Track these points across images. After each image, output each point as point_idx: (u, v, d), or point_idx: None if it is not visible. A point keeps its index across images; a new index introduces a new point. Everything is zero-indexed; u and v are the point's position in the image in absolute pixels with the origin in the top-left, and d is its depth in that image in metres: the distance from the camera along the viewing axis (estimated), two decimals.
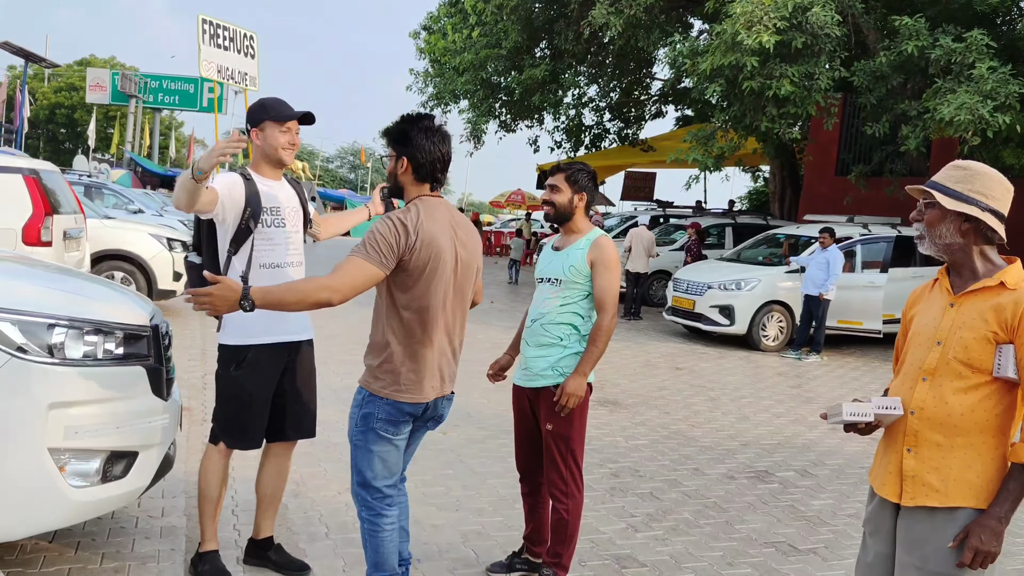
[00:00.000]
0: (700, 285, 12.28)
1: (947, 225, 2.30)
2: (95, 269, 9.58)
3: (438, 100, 21.18)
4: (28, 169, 7.82)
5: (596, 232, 3.68)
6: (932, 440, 2.29)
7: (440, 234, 2.99)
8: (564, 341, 3.61)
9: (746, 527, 4.80)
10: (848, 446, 6.74)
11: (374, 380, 3.06)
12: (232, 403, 3.46)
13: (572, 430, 3.61)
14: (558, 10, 17.11)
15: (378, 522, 3.15)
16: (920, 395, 2.32)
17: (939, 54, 10.75)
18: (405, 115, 3.11)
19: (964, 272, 2.34)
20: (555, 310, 3.62)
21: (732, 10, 11.26)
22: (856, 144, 17.70)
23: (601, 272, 3.57)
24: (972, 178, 2.30)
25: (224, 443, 3.52)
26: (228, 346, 3.44)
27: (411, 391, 3.04)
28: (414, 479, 5.10)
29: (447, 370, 3.17)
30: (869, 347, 12.64)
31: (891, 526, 2.39)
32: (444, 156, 3.06)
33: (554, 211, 3.68)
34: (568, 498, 3.61)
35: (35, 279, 3.62)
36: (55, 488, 3.08)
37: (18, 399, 3.00)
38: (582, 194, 3.66)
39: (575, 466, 3.64)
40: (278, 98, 3.56)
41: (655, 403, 7.89)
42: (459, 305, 3.16)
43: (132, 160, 36.07)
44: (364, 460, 3.11)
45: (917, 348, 2.38)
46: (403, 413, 3.06)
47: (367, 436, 3.08)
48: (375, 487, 3.13)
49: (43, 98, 51.91)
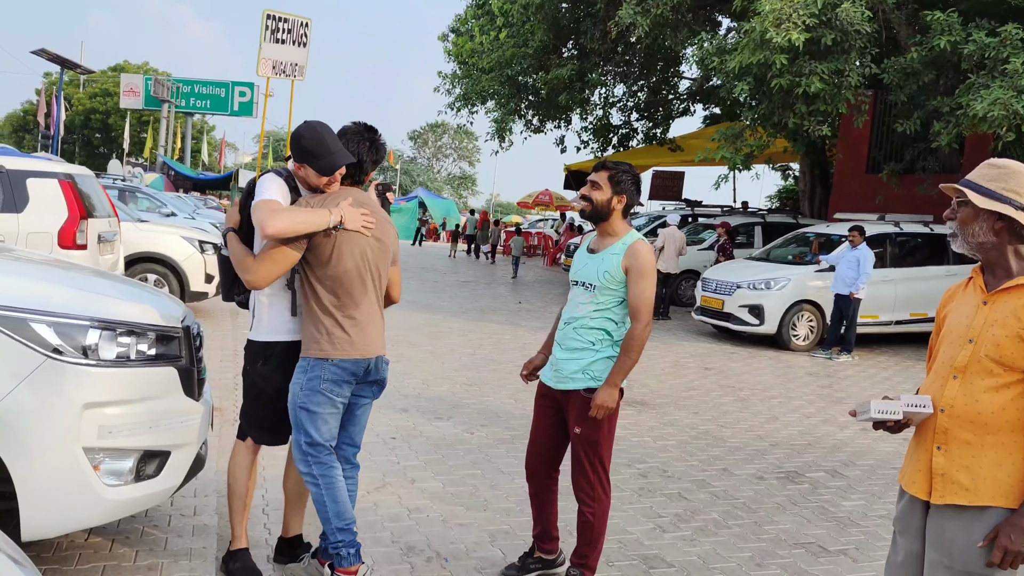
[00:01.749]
0: (729, 285, 12.20)
1: (980, 224, 2.29)
2: (129, 271, 9.73)
3: (465, 101, 21.24)
4: (63, 174, 7.96)
5: (633, 236, 3.59)
6: (962, 438, 2.27)
7: None
8: (596, 346, 3.57)
9: (775, 528, 4.77)
10: (880, 446, 6.67)
11: (313, 344, 3.34)
12: (260, 399, 3.54)
13: (600, 435, 3.57)
14: (584, 10, 17.08)
15: (331, 474, 3.41)
16: (951, 393, 2.30)
17: (972, 49, 10.59)
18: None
19: (998, 271, 2.32)
20: (588, 315, 3.57)
21: (761, 7, 11.16)
22: (887, 141, 17.46)
23: (636, 279, 3.49)
24: (1006, 176, 2.28)
25: (252, 438, 3.60)
26: (257, 342, 3.51)
27: (352, 348, 3.35)
28: (440, 478, 5.14)
29: (379, 332, 3.50)
30: (901, 346, 12.48)
31: (921, 525, 2.37)
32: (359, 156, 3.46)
33: (591, 208, 3.59)
34: (595, 502, 3.59)
35: (70, 282, 3.68)
36: (90, 487, 3.14)
37: (54, 399, 3.06)
38: (622, 196, 3.58)
39: (602, 470, 3.61)
40: (322, 138, 3.36)
41: (684, 403, 7.86)
42: (380, 277, 3.48)
43: (165, 164, 36.58)
44: (310, 422, 3.37)
45: (949, 346, 2.37)
46: (347, 372, 3.36)
47: (313, 398, 3.34)
48: (322, 444, 3.40)
49: (78, 104, 52.76)
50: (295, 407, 3.38)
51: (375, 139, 3.53)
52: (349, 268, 3.32)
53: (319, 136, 3.35)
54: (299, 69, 11.27)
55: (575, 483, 3.63)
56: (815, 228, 14.01)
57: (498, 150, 22.02)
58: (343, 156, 3.36)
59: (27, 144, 49.75)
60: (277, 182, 3.40)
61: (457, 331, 11.31)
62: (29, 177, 7.72)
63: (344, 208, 3.29)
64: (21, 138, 54.99)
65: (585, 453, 3.57)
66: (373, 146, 3.52)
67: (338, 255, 3.30)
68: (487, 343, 10.58)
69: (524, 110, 20.57)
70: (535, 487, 3.83)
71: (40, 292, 3.28)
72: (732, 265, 13.40)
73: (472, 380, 8.13)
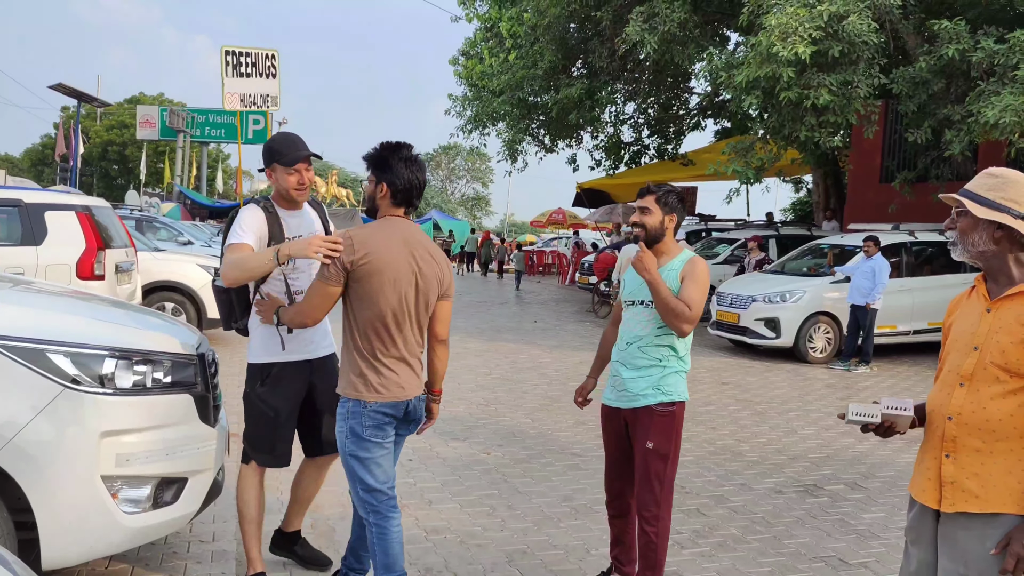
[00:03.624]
0: (744, 298, 12.16)
1: (980, 233, 2.31)
2: (147, 300, 9.83)
3: (476, 123, 21.37)
4: (81, 206, 8.09)
5: (688, 253, 3.70)
6: (971, 445, 2.27)
7: (391, 247, 3.20)
8: (663, 361, 3.61)
9: (795, 542, 4.73)
10: (900, 458, 6.61)
11: (349, 387, 3.27)
12: (260, 420, 3.64)
13: (671, 448, 3.60)
14: (592, 29, 17.18)
15: (386, 524, 3.32)
16: (958, 400, 2.31)
17: (981, 56, 10.56)
18: (384, 143, 3.31)
19: (1000, 278, 2.34)
20: (652, 333, 3.61)
21: (767, 22, 11.20)
22: (900, 151, 17.40)
23: (687, 285, 3.55)
24: (1004, 186, 2.30)
25: (255, 461, 3.70)
26: (255, 364, 3.65)
27: (387, 392, 3.26)
28: (457, 499, 5.14)
29: (414, 373, 3.38)
30: (920, 356, 12.38)
31: (933, 534, 2.37)
32: (419, 183, 3.29)
33: (645, 233, 3.66)
34: (658, 521, 3.59)
35: (86, 312, 3.74)
36: (108, 514, 3.17)
37: (72, 429, 3.11)
38: (672, 215, 3.66)
39: (668, 488, 3.62)
40: (289, 138, 3.66)
41: (701, 418, 7.83)
42: (420, 317, 3.35)
43: (181, 193, 36.94)
44: (363, 468, 3.30)
45: (955, 354, 2.38)
46: (386, 416, 3.28)
47: (360, 444, 3.27)
48: (379, 490, 3.32)
49: (96, 136, 53.45)
50: (345, 455, 3.32)
51: (408, 155, 3.31)
52: (385, 310, 3.20)
53: (284, 136, 3.67)
54: (272, 99, 11.39)
55: (640, 500, 3.64)
56: (829, 239, 13.96)
57: (511, 171, 22.10)
58: (306, 150, 3.60)
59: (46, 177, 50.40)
60: (251, 214, 3.55)
61: (473, 351, 11.33)
62: (47, 210, 7.84)
63: (295, 243, 3.39)
64: (40, 172, 55.73)
65: (655, 468, 3.58)
66: (409, 162, 3.29)
67: (375, 294, 3.18)
68: (503, 363, 10.59)
69: (535, 130, 20.67)
70: (615, 510, 3.85)
71: (57, 323, 3.34)
72: (747, 278, 13.36)
73: (488, 400, 8.14)
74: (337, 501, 4.95)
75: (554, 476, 5.77)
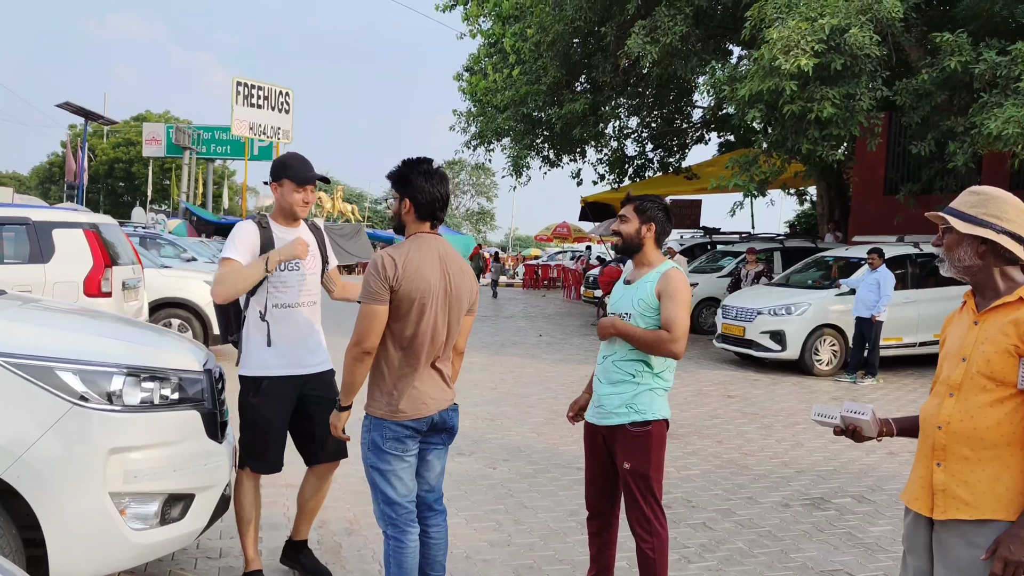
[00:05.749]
0: (750, 311, 12.16)
1: (965, 248, 2.40)
2: (153, 317, 9.87)
3: (481, 139, 21.45)
4: (88, 224, 8.14)
5: (667, 264, 3.60)
6: (960, 454, 2.34)
7: (426, 266, 3.21)
8: (637, 377, 3.54)
9: (802, 556, 4.72)
10: (907, 470, 6.57)
11: (373, 403, 3.30)
12: (253, 428, 3.77)
13: (650, 467, 3.54)
14: (595, 43, 17.27)
15: (403, 539, 3.30)
16: (947, 410, 2.38)
17: (983, 68, 10.60)
18: (405, 159, 3.35)
19: (987, 292, 2.42)
20: (625, 346, 3.54)
21: (769, 35, 11.25)
22: (904, 163, 17.41)
23: (667, 302, 3.47)
24: (986, 202, 2.40)
25: (249, 467, 3.82)
26: (246, 377, 3.79)
27: (407, 411, 3.25)
28: (464, 514, 5.14)
29: (440, 389, 3.38)
30: (926, 368, 12.34)
31: (927, 541, 2.43)
32: (442, 196, 3.30)
33: (622, 241, 3.66)
34: (653, 536, 3.53)
35: (94, 329, 3.77)
36: (116, 531, 3.19)
37: (80, 446, 3.13)
38: (651, 224, 3.61)
39: (656, 503, 3.56)
40: (301, 158, 3.84)
41: (707, 432, 7.82)
42: (449, 334, 3.35)
43: (187, 210, 37.09)
44: (384, 480, 3.30)
45: (947, 366, 2.46)
46: (407, 429, 3.28)
47: (381, 457, 3.29)
48: (399, 503, 3.31)
49: (102, 154, 53.74)
50: (367, 467, 3.34)
51: (428, 168, 3.32)
52: (413, 332, 3.21)
53: (297, 155, 3.83)
54: (284, 133, 11.80)
55: (631, 518, 3.57)
56: (833, 252, 13.96)
57: (516, 186, 22.16)
58: (315, 173, 3.77)
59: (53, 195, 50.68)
60: (243, 230, 3.72)
61: (478, 365, 11.33)
62: (55, 228, 7.90)
63: (281, 249, 3.67)
64: (47, 189, 56.05)
65: (637, 487, 3.53)
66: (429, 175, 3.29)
67: (403, 317, 3.19)
68: (508, 377, 10.59)
69: (540, 145, 20.73)
70: (596, 526, 3.79)
71: (65, 340, 3.36)
72: (752, 291, 13.35)
73: (494, 415, 8.14)
74: (343, 517, 4.95)
75: (560, 491, 5.77)
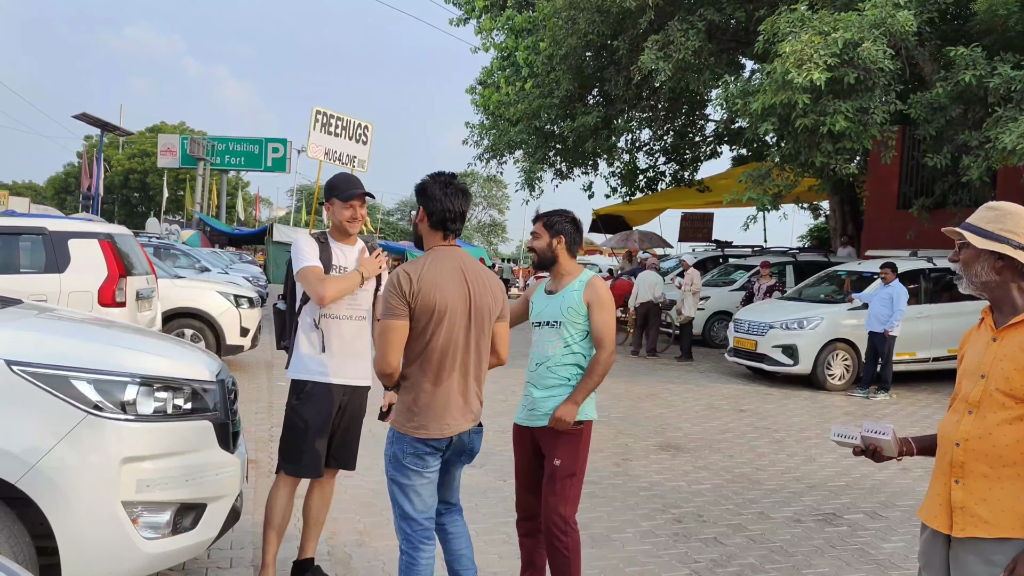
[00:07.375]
0: (762, 325, 12.11)
1: (982, 264, 2.39)
2: (166, 327, 9.92)
3: (493, 151, 21.50)
4: (103, 233, 8.20)
5: (588, 273, 3.84)
6: (979, 471, 2.31)
7: (444, 280, 3.21)
8: (571, 381, 3.75)
9: (813, 572, 4.69)
10: (920, 486, 6.54)
11: (397, 416, 3.31)
12: (291, 430, 3.86)
13: (578, 464, 3.71)
14: (608, 57, 17.31)
15: (416, 556, 3.29)
16: (965, 427, 2.36)
17: (998, 83, 10.57)
18: (431, 173, 3.40)
19: (1005, 308, 2.40)
20: (559, 352, 3.75)
21: (782, 49, 11.25)
22: (917, 177, 17.35)
23: (597, 312, 3.71)
24: (1003, 218, 2.38)
25: (284, 469, 3.88)
26: (293, 380, 3.90)
27: (428, 428, 3.24)
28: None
29: (464, 408, 3.33)
30: (939, 383, 12.26)
31: (944, 559, 2.40)
32: (454, 207, 3.30)
33: (537, 257, 3.85)
34: (566, 535, 3.65)
35: (109, 339, 3.79)
36: (128, 540, 3.20)
37: (94, 455, 3.15)
38: (560, 237, 3.81)
39: (575, 502, 3.72)
40: (346, 176, 4.06)
41: (718, 446, 7.79)
42: (475, 347, 3.33)
43: (201, 220, 37.35)
44: (402, 494, 3.31)
45: (965, 382, 2.44)
46: (427, 446, 3.26)
47: (399, 471, 3.29)
48: (415, 519, 3.30)
49: (117, 165, 54.22)
50: (388, 479, 3.36)
51: (446, 180, 3.36)
52: (432, 348, 3.20)
53: (344, 175, 4.05)
54: (360, 162, 12.44)
55: (549, 518, 3.68)
56: (846, 266, 13.91)
57: (528, 199, 22.18)
58: (361, 188, 3.90)
59: (69, 205, 51.13)
60: (305, 240, 3.88)
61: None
62: (71, 238, 7.96)
63: (365, 265, 3.90)
64: (63, 200, 56.56)
65: (561, 485, 3.67)
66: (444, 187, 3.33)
67: (421, 332, 3.19)
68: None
69: (552, 158, 20.76)
70: (525, 529, 3.92)
71: (80, 350, 3.39)
72: (764, 305, 13.31)
73: (504, 427, 8.12)
74: (354, 528, 4.96)
75: None
